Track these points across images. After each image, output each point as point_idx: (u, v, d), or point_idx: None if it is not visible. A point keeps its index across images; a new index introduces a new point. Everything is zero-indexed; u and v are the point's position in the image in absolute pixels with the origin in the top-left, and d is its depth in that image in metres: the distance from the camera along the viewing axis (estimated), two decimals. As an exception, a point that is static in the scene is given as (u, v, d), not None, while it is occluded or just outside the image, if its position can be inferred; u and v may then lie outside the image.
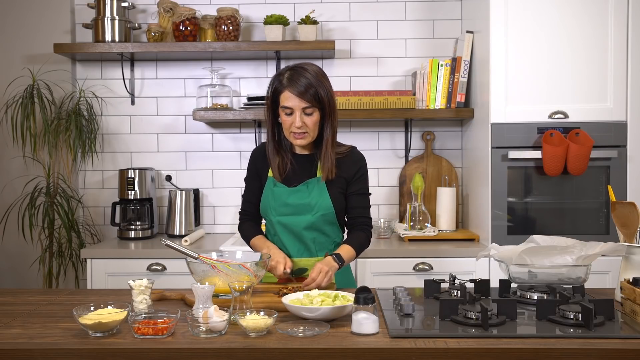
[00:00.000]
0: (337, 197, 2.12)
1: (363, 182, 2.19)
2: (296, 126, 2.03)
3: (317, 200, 2.09)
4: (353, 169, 2.16)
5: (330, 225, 2.14)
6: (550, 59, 2.90)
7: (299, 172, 2.14)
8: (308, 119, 2.04)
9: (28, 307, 1.83)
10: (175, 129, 3.52)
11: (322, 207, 2.09)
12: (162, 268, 2.92)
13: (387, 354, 1.42)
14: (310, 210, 2.09)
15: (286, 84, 2.03)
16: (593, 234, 2.90)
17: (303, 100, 2.01)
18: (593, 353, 1.41)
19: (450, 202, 3.27)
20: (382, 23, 3.49)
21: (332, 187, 2.11)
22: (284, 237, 2.13)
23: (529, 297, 1.79)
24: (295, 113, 2.02)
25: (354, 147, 2.21)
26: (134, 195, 3.30)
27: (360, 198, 2.18)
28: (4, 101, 3.37)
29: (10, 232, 3.33)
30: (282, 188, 2.12)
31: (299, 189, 2.11)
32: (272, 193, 2.13)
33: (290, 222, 2.11)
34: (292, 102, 2.02)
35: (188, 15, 3.29)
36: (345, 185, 2.15)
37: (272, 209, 2.12)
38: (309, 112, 2.03)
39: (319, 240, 2.13)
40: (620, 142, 2.92)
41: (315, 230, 2.11)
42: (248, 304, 1.58)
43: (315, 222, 2.10)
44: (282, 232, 2.13)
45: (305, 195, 2.10)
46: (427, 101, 3.26)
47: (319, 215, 2.09)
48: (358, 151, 2.21)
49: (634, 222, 1.80)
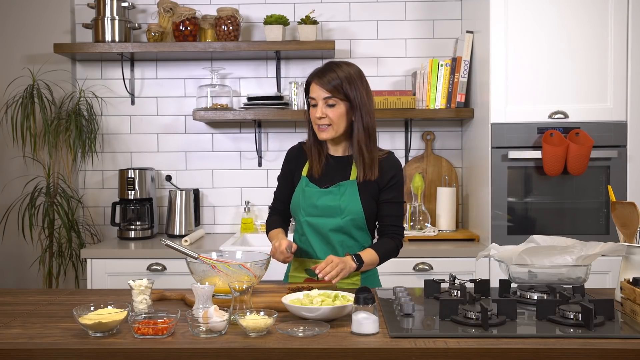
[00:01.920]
0: (368, 202, 2.07)
1: (397, 190, 2.11)
2: (317, 116, 2.03)
3: (348, 203, 2.05)
4: (387, 175, 2.09)
5: (359, 230, 2.09)
6: (550, 59, 2.90)
7: (332, 174, 2.11)
8: (330, 111, 2.02)
9: (28, 307, 1.83)
10: (175, 129, 3.52)
11: (352, 212, 2.05)
12: (162, 268, 2.92)
13: (387, 354, 1.42)
14: (340, 214, 2.06)
15: (313, 76, 2.06)
16: (593, 234, 2.90)
17: (325, 90, 2.01)
18: (593, 353, 1.41)
19: (450, 202, 3.27)
20: (382, 23, 3.49)
21: (364, 191, 2.07)
22: (311, 238, 2.10)
23: (529, 297, 1.79)
24: (318, 103, 2.03)
25: (391, 152, 2.15)
26: (134, 195, 3.30)
27: (393, 206, 2.11)
28: (4, 101, 3.37)
29: (10, 232, 3.33)
30: (313, 188, 2.10)
31: (330, 191, 2.08)
32: (302, 193, 2.11)
33: (318, 224, 2.08)
34: (315, 93, 2.04)
35: (188, 15, 3.29)
36: (377, 190, 2.09)
37: (302, 209, 2.10)
38: (331, 102, 2.02)
39: (347, 243, 2.08)
40: (620, 142, 2.92)
41: (344, 233, 2.08)
42: (248, 304, 1.58)
43: (344, 226, 2.06)
44: (310, 233, 2.10)
45: (336, 198, 2.07)
46: (427, 101, 3.26)
47: (348, 219, 2.06)
48: (395, 157, 2.15)
49: (634, 222, 1.80)
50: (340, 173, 2.11)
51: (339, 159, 2.14)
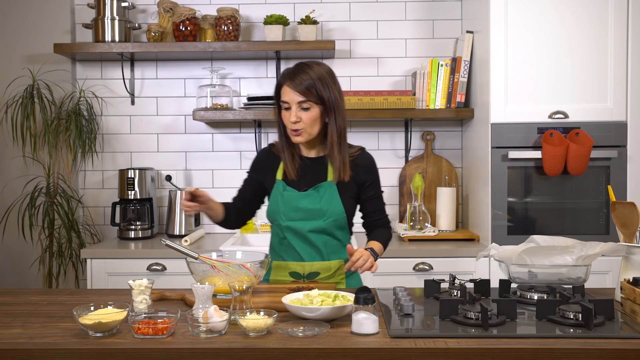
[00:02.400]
0: (348, 201, 2.09)
1: (377, 185, 2.17)
2: (291, 120, 2.00)
3: (329, 205, 2.06)
4: (366, 174, 2.13)
5: (341, 230, 2.11)
6: (550, 59, 2.90)
7: (308, 176, 2.10)
8: (304, 115, 2.00)
9: (28, 307, 1.83)
10: (175, 129, 3.52)
11: (334, 213, 2.06)
12: (162, 268, 2.92)
13: (387, 354, 1.42)
14: (321, 216, 2.06)
15: (286, 78, 2.02)
16: (593, 234, 2.90)
17: (299, 93, 1.98)
18: (593, 353, 1.41)
19: (450, 202, 3.27)
20: (382, 23, 3.49)
21: (343, 191, 2.08)
22: (293, 242, 2.09)
23: (529, 297, 1.79)
24: (291, 107, 2.00)
25: (363, 148, 2.16)
26: (134, 195, 3.30)
27: (377, 201, 2.17)
28: (4, 101, 3.37)
29: (10, 232, 3.33)
30: (292, 192, 2.08)
31: (310, 194, 2.07)
32: (281, 197, 2.09)
33: (300, 227, 2.07)
34: (289, 96, 2.00)
35: (188, 15, 3.29)
36: (356, 189, 2.12)
37: (282, 213, 2.08)
38: (305, 106, 1.99)
39: (330, 244, 2.09)
40: (620, 142, 2.92)
41: (326, 234, 2.08)
42: (248, 304, 1.58)
43: (327, 228, 2.07)
44: (292, 236, 2.09)
45: (317, 200, 2.06)
46: (427, 101, 3.26)
47: (330, 221, 2.06)
48: (368, 153, 2.17)
49: (634, 222, 1.80)
50: (316, 174, 2.09)
51: (313, 160, 2.12)
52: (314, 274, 2.09)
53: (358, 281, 2.21)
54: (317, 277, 2.09)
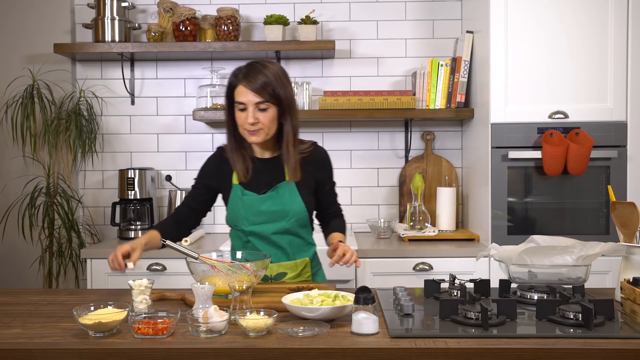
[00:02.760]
0: (308, 199, 2.09)
1: (331, 178, 2.20)
2: (249, 122, 1.96)
3: (291, 205, 2.05)
4: (322, 169, 2.14)
5: (304, 228, 2.11)
6: (550, 59, 2.90)
7: (265, 177, 2.07)
8: (262, 116, 1.97)
9: (28, 307, 1.83)
10: (175, 129, 3.52)
11: (296, 212, 2.05)
12: (162, 268, 2.92)
13: (387, 354, 1.42)
14: (284, 217, 2.05)
15: (241, 79, 1.97)
16: (593, 234, 2.90)
17: (256, 94, 1.95)
18: (593, 353, 1.41)
19: (450, 202, 3.27)
20: (382, 23, 3.49)
21: (302, 188, 2.07)
22: (258, 245, 2.07)
23: (529, 297, 1.79)
24: (248, 108, 1.96)
25: (315, 143, 2.15)
26: (134, 195, 3.30)
27: (332, 193, 2.21)
28: (4, 101, 3.37)
29: (10, 232, 3.33)
30: (251, 196, 2.05)
31: (270, 196, 2.05)
32: (241, 202, 2.06)
33: (264, 230, 2.06)
34: (245, 97, 1.95)
35: (188, 15, 3.29)
36: (314, 185, 2.12)
37: (244, 218, 2.06)
38: (263, 107, 1.96)
39: (294, 243, 2.09)
40: (620, 142, 2.92)
41: (290, 234, 2.08)
42: (248, 304, 1.58)
43: (290, 228, 2.06)
44: (256, 240, 2.07)
45: (278, 202, 2.04)
46: (427, 101, 3.26)
47: (293, 221, 2.06)
48: (321, 147, 2.17)
49: (634, 222, 1.80)
50: (273, 175, 2.07)
51: (267, 161, 2.09)
52: (282, 274, 2.09)
53: (323, 277, 2.23)
54: (285, 277, 2.09)
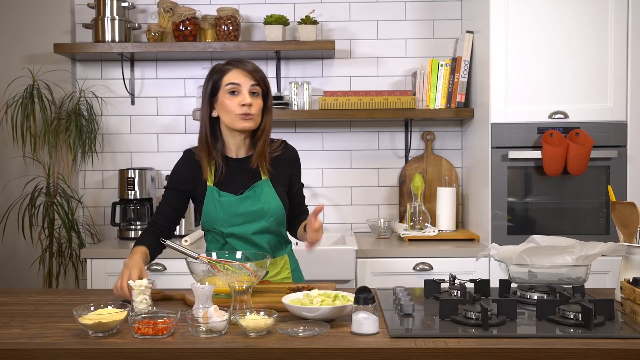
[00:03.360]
0: (283, 197, 2.08)
1: (301, 178, 2.19)
2: (244, 103, 1.94)
3: (269, 205, 2.03)
4: (294, 168, 2.15)
5: (282, 226, 2.10)
6: (550, 59, 2.90)
7: (241, 177, 2.05)
8: (254, 101, 1.97)
9: (28, 307, 1.83)
10: (175, 129, 3.52)
11: (275, 211, 2.04)
12: (162, 268, 2.92)
13: (387, 354, 1.42)
14: (263, 216, 2.03)
15: (231, 66, 1.99)
16: (593, 234, 2.90)
17: (251, 77, 1.96)
18: (593, 353, 1.41)
19: (450, 202, 3.27)
20: (382, 23, 3.49)
21: (277, 186, 2.07)
22: (237, 246, 2.05)
23: (529, 297, 1.79)
24: (242, 91, 1.96)
25: (285, 141, 2.15)
26: (134, 195, 3.30)
27: (301, 194, 2.20)
28: (4, 101, 3.37)
29: (10, 232, 3.33)
30: (229, 197, 2.03)
31: (248, 195, 2.03)
32: (219, 204, 2.03)
33: (242, 231, 2.04)
34: (240, 79, 1.96)
35: (188, 15, 3.29)
36: (287, 183, 2.12)
37: (222, 220, 2.03)
38: (255, 91, 1.97)
39: (272, 241, 2.09)
40: (620, 142, 2.92)
41: (269, 233, 2.07)
42: (248, 304, 1.58)
43: (269, 227, 2.05)
44: (234, 241, 2.06)
45: (256, 202, 2.03)
46: (427, 101, 3.26)
47: (272, 220, 2.04)
48: (291, 146, 2.17)
49: (634, 222, 1.80)
50: (249, 175, 2.05)
51: (242, 161, 2.07)
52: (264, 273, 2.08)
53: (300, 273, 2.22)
54: (267, 275, 2.08)
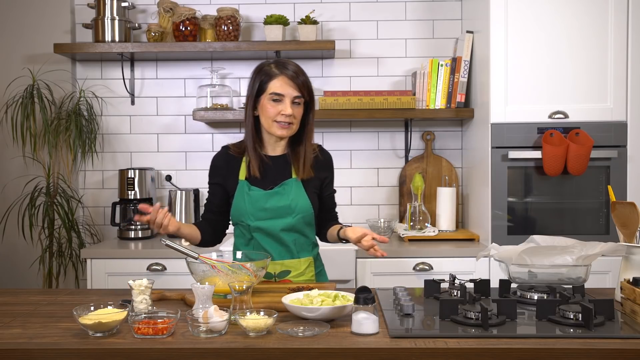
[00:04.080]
0: (313, 197, 2.11)
1: (333, 183, 2.22)
2: (286, 114, 1.99)
3: (297, 202, 2.06)
4: (327, 171, 2.17)
5: (309, 227, 2.12)
6: (550, 59, 2.90)
7: (273, 174, 2.09)
8: (296, 110, 2.02)
9: (28, 307, 1.83)
10: (175, 129, 3.52)
11: (303, 209, 2.06)
12: (162, 268, 2.92)
13: (387, 354, 1.42)
14: (290, 213, 2.06)
15: (281, 70, 2.02)
16: (593, 234, 2.90)
17: (296, 88, 2.00)
18: (593, 353, 1.41)
19: (450, 202, 3.27)
20: (382, 23, 3.49)
21: (308, 187, 2.09)
22: (263, 242, 2.08)
23: (529, 297, 1.79)
24: (285, 100, 2.00)
25: (320, 145, 2.20)
26: (134, 195, 3.31)
27: (333, 200, 2.23)
28: (4, 101, 3.37)
29: (10, 232, 3.33)
30: (258, 191, 2.07)
31: (277, 191, 2.07)
32: (248, 197, 2.07)
33: (270, 226, 2.06)
34: (285, 89, 2.00)
35: (188, 15, 3.29)
36: (319, 186, 2.14)
37: (249, 214, 2.06)
38: (297, 101, 2.02)
39: (299, 241, 2.10)
40: (620, 142, 2.92)
41: (296, 232, 2.08)
42: (248, 304, 1.58)
43: (296, 225, 2.07)
44: (260, 236, 2.08)
45: (284, 198, 2.06)
46: (427, 101, 3.26)
47: (299, 217, 2.06)
48: (326, 150, 2.21)
49: (634, 222, 1.80)
50: (280, 172, 2.09)
51: (276, 159, 2.12)
52: (285, 272, 2.09)
53: (325, 278, 2.23)
54: (288, 275, 2.09)
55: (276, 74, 2.02)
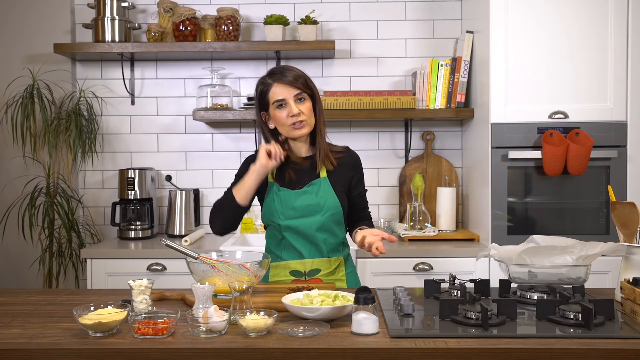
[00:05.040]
0: (342, 196, 2.12)
1: (362, 182, 2.23)
2: (293, 114, 2.02)
3: (325, 200, 2.08)
4: (355, 171, 2.18)
5: (338, 225, 2.12)
6: (550, 59, 2.90)
7: (300, 176, 2.12)
8: (303, 106, 2.04)
9: (28, 307, 1.83)
10: (175, 129, 3.52)
11: (331, 207, 2.08)
12: (162, 268, 2.92)
13: (387, 354, 1.42)
14: (319, 211, 2.07)
15: (274, 79, 2.05)
16: (593, 234, 2.90)
17: (293, 87, 2.03)
18: (593, 353, 1.41)
19: (450, 202, 3.27)
20: (382, 23, 3.49)
21: (336, 186, 2.11)
22: (293, 241, 2.09)
23: (529, 297, 1.79)
24: (289, 103, 2.03)
25: (348, 147, 2.22)
26: (134, 195, 3.31)
27: (363, 199, 2.23)
28: (4, 101, 3.37)
29: (10, 232, 3.33)
30: (287, 192, 2.10)
31: (305, 191, 2.09)
32: (277, 198, 2.10)
33: (300, 225, 2.08)
34: (283, 93, 2.03)
35: (188, 15, 3.29)
36: (347, 185, 2.16)
37: (280, 213, 2.09)
38: (301, 97, 2.04)
39: (329, 241, 2.11)
40: (620, 142, 2.92)
41: (325, 230, 2.09)
42: (248, 304, 1.58)
43: (325, 223, 2.08)
44: (291, 235, 2.09)
45: (313, 197, 2.08)
46: (427, 101, 3.26)
47: (328, 215, 2.08)
48: (353, 151, 2.23)
49: (634, 222, 1.80)
50: (308, 174, 2.12)
51: (302, 161, 2.14)
52: (315, 270, 2.09)
53: (357, 280, 2.23)
54: (319, 274, 2.10)
55: (270, 83, 2.06)
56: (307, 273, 2.09)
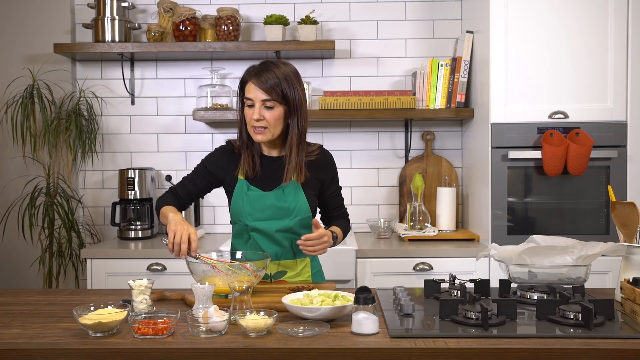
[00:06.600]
0: (312, 199, 2.10)
1: (336, 181, 2.21)
2: (254, 118, 1.98)
3: (296, 204, 2.06)
4: (328, 172, 2.15)
5: (306, 229, 2.10)
6: (550, 59, 2.90)
7: (271, 175, 2.08)
8: (268, 113, 1.98)
9: (28, 307, 1.83)
10: (175, 129, 3.52)
11: (301, 212, 2.06)
12: (162, 268, 2.92)
13: (387, 354, 1.42)
14: (288, 215, 2.06)
15: (252, 75, 2.00)
16: (593, 234, 2.90)
17: (263, 92, 1.97)
18: (593, 353, 1.41)
19: (450, 202, 3.27)
20: (382, 23, 3.49)
21: (307, 189, 2.09)
22: (260, 242, 2.08)
23: (529, 297, 1.79)
24: (255, 105, 1.98)
25: (321, 146, 2.17)
26: (134, 195, 3.30)
27: (337, 198, 2.23)
28: (4, 101, 3.37)
29: (10, 232, 3.33)
30: (257, 192, 2.06)
31: (276, 193, 2.06)
32: (246, 197, 2.07)
33: (267, 227, 2.06)
34: (253, 94, 1.98)
35: (188, 15, 3.29)
36: (319, 187, 2.14)
37: (248, 214, 2.06)
38: (269, 105, 1.98)
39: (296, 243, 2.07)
40: (620, 142, 2.92)
41: (292, 233, 2.08)
42: (248, 304, 1.58)
43: (293, 227, 2.06)
44: (258, 237, 2.08)
45: (283, 200, 2.06)
46: (427, 101, 3.26)
47: (297, 220, 2.06)
48: (327, 151, 2.18)
49: (634, 222, 1.80)
50: (278, 174, 2.07)
51: (274, 160, 2.10)
52: (281, 272, 2.10)
53: (322, 278, 2.23)
54: (284, 275, 2.10)
55: (248, 78, 2.01)
56: (272, 275, 2.10)
